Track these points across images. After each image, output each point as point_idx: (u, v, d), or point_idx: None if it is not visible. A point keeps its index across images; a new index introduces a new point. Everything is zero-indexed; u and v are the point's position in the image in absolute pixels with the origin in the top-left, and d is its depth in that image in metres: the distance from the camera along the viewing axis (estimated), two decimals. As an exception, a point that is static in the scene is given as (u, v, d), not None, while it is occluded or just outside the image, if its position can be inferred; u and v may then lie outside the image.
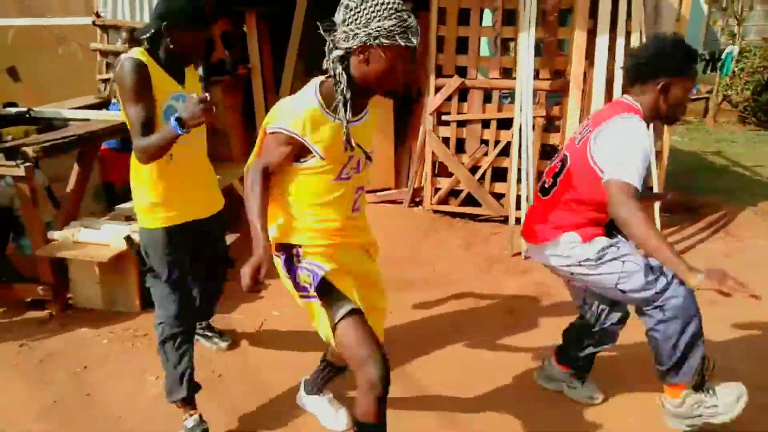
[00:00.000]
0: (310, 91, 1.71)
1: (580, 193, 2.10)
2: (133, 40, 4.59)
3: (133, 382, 2.60)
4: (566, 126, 4.27)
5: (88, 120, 3.58)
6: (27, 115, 3.64)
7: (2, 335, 2.97)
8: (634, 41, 4.05)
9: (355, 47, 1.59)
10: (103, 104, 4.49)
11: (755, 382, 2.35)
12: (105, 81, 4.96)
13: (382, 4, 1.55)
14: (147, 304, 3.18)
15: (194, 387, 2.26)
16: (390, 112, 5.21)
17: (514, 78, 4.28)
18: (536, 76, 4.31)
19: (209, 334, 2.90)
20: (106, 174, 4.37)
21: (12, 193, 3.17)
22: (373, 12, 1.55)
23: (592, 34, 4.13)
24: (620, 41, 4.06)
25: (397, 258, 3.78)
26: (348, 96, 1.64)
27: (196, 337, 2.54)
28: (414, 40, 1.59)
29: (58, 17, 7.51)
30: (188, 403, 2.23)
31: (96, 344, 2.90)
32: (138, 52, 2.06)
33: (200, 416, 2.24)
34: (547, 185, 2.22)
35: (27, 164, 2.90)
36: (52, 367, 2.70)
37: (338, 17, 1.62)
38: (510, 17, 4.43)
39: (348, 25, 1.59)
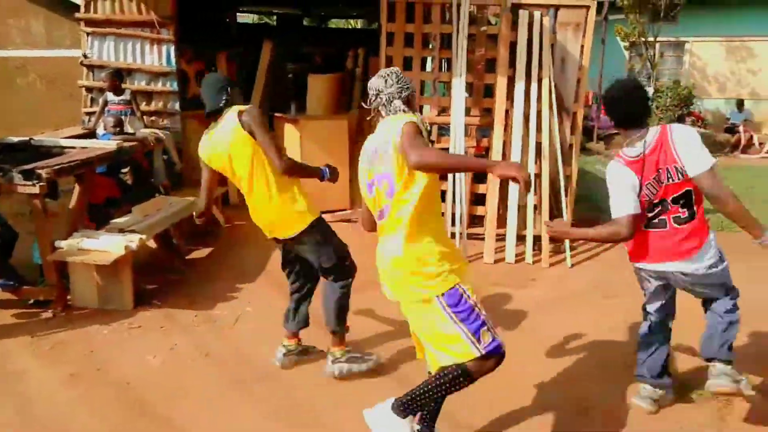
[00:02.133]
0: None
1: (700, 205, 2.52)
2: (114, 78, 5.21)
3: (135, 360, 3.16)
4: (492, 155, 5.11)
5: (85, 148, 4.15)
6: (29, 144, 4.20)
7: (14, 330, 3.47)
8: (545, 86, 4.95)
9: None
10: (91, 134, 5.04)
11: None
12: (89, 114, 5.52)
13: None
14: (138, 303, 3.78)
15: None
16: (346, 141, 5.96)
17: (450, 115, 5.12)
18: (468, 113, 5.16)
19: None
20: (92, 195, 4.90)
21: None
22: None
23: (511, 80, 5.02)
24: (534, 86, 4.96)
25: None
26: None
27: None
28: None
29: (20, 49, 7.94)
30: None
31: (98, 334, 3.44)
32: None
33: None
34: (683, 216, 2.49)
35: (41, 183, 3.46)
36: (63, 351, 3.23)
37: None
38: (448, 64, 5.29)
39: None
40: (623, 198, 2.46)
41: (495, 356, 2.12)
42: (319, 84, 6.10)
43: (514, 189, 5.00)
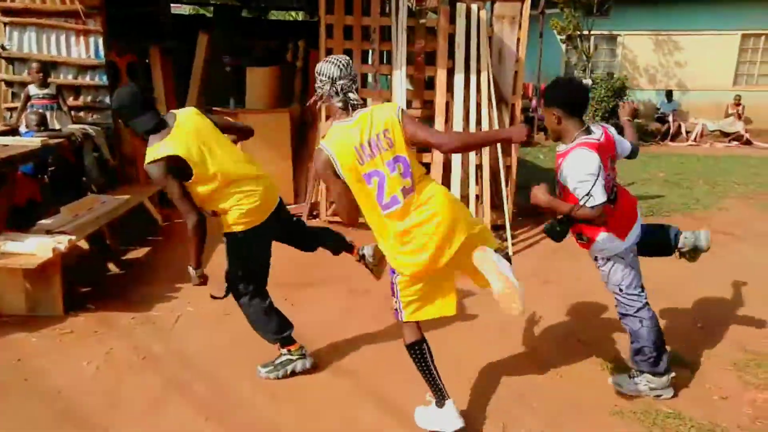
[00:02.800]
0: None
1: None
2: (42, 71, 4.94)
3: (67, 368, 3.00)
4: (435, 146, 5.16)
5: (6, 145, 3.90)
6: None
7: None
8: (483, 78, 5.03)
9: None
10: (13, 131, 4.75)
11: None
12: (11, 110, 5.20)
13: None
14: (69, 307, 3.59)
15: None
16: (288, 135, 5.87)
17: (391, 107, 5.12)
18: (409, 106, 5.18)
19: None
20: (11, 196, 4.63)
21: None
22: None
23: (451, 72, 5.07)
24: (473, 78, 5.03)
25: (299, 265, 4.37)
26: None
27: None
28: None
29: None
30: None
31: (26, 342, 3.25)
32: None
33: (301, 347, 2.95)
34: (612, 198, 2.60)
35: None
36: (-14, 363, 3.03)
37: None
38: (388, 57, 5.29)
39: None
40: (599, 186, 2.44)
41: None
42: (258, 77, 5.97)
43: (456, 180, 5.06)
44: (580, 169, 2.46)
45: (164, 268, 4.39)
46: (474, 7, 5.05)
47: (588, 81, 11.15)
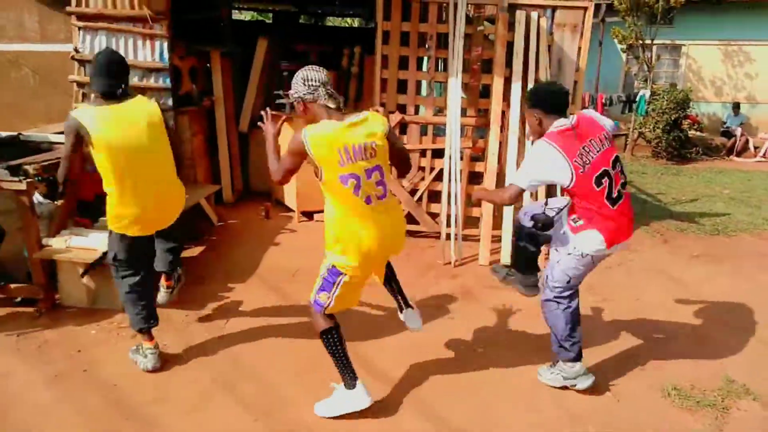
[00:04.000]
0: None
1: None
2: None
3: (122, 361, 3.10)
4: (488, 156, 5.07)
5: (75, 143, 4.07)
6: (17, 139, 4.13)
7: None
8: (542, 87, 4.91)
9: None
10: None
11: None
12: (81, 109, 5.43)
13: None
14: (127, 302, 3.71)
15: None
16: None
17: (446, 115, 5.07)
18: (464, 114, 5.11)
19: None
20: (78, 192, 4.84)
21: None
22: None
23: (508, 81, 4.98)
24: (530, 87, 4.92)
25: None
26: None
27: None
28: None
29: (13, 43, 7.85)
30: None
31: (85, 334, 3.38)
32: None
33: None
34: (614, 196, 2.75)
35: (28, 180, 3.39)
36: (49, 351, 3.17)
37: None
38: (444, 64, 5.24)
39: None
40: (530, 176, 2.78)
41: None
42: (314, 82, 6.02)
43: (509, 190, 4.96)
44: (529, 157, 2.78)
45: (217, 267, 4.48)
46: (534, 14, 4.94)
47: (647, 92, 10.76)
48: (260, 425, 2.62)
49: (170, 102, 5.51)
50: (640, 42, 11.07)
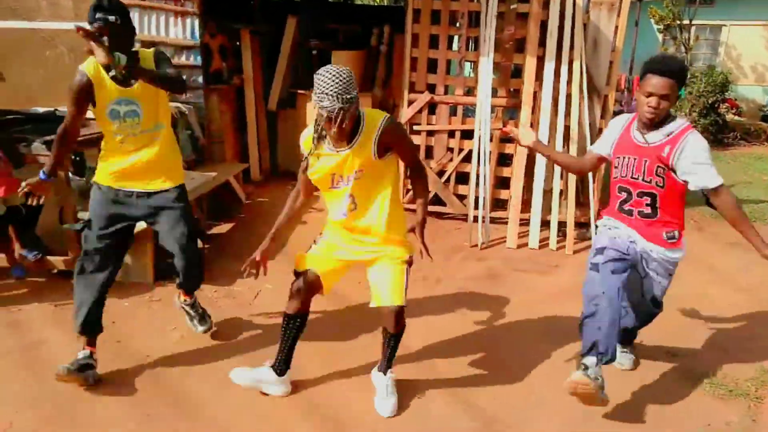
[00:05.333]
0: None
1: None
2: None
3: (155, 332, 3.18)
4: (519, 137, 4.99)
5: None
6: (54, 115, 4.21)
7: (36, 299, 3.51)
8: (576, 68, 4.79)
9: None
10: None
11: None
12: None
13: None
14: (158, 277, 3.79)
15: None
16: (368, 121, 5.87)
17: (476, 95, 4.99)
18: (494, 94, 5.03)
19: (192, 313, 3.12)
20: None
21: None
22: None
23: (541, 60, 4.87)
24: (564, 67, 4.81)
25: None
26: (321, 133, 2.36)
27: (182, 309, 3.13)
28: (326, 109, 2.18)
29: (48, 21, 7.97)
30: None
31: (119, 306, 3.46)
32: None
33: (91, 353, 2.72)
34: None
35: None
36: (84, 322, 3.25)
37: None
38: (475, 43, 5.15)
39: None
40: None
41: None
42: (342, 61, 6.00)
43: (540, 173, 4.89)
44: (707, 151, 2.43)
45: (246, 244, 4.52)
46: (570, -8, 4.81)
47: (685, 74, 10.41)
48: (287, 401, 2.66)
49: (200, 79, 5.55)
50: (678, 22, 10.72)
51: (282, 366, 2.65)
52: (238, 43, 6.30)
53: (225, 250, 4.45)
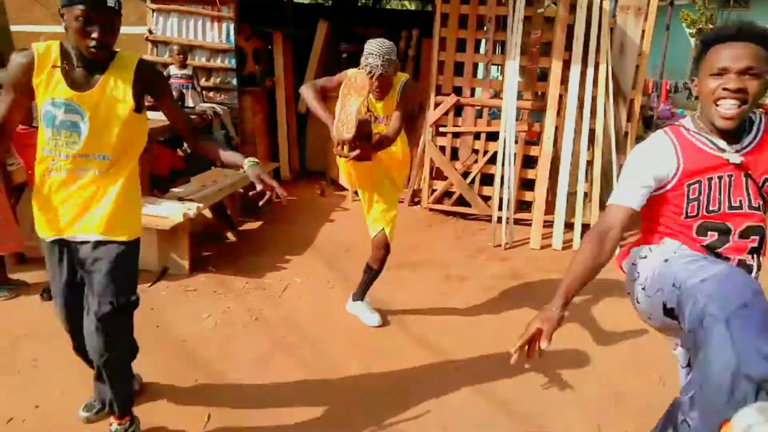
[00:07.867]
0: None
1: None
2: (182, 54, 5.43)
3: (191, 319, 3.35)
4: (543, 140, 5.06)
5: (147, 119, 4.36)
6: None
7: (81, 286, 3.72)
8: (602, 71, 4.85)
9: None
10: (150, 107, 5.27)
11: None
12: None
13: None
14: (193, 268, 3.98)
15: None
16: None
17: (502, 98, 5.08)
18: (520, 97, 5.11)
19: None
20: (152, 166, 5.17)
21: None
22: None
23: (567, 64, 4.94)
24: (590, 71, 4.87)
25: (400, 247, 4.52)
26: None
27: None
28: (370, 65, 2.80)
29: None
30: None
31: (156, 294, 3.66)
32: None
33: None
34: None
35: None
36: (125, 308, 3.45)
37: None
38: (502, 47, 5.24)
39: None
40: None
41: None
42: (372, 64, 6.14)
43: (564, 176, 4.95)
44: None
45: (275, 240, 4.71)
46: (597, -3, 4.87)
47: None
48: (315, 387, 2.79)
49: (234, 82, 5.77)
50: (711, 26, 10.57)
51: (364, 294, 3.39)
52: (270, 46, 6.52)
53: (255, 245, 4.63)
